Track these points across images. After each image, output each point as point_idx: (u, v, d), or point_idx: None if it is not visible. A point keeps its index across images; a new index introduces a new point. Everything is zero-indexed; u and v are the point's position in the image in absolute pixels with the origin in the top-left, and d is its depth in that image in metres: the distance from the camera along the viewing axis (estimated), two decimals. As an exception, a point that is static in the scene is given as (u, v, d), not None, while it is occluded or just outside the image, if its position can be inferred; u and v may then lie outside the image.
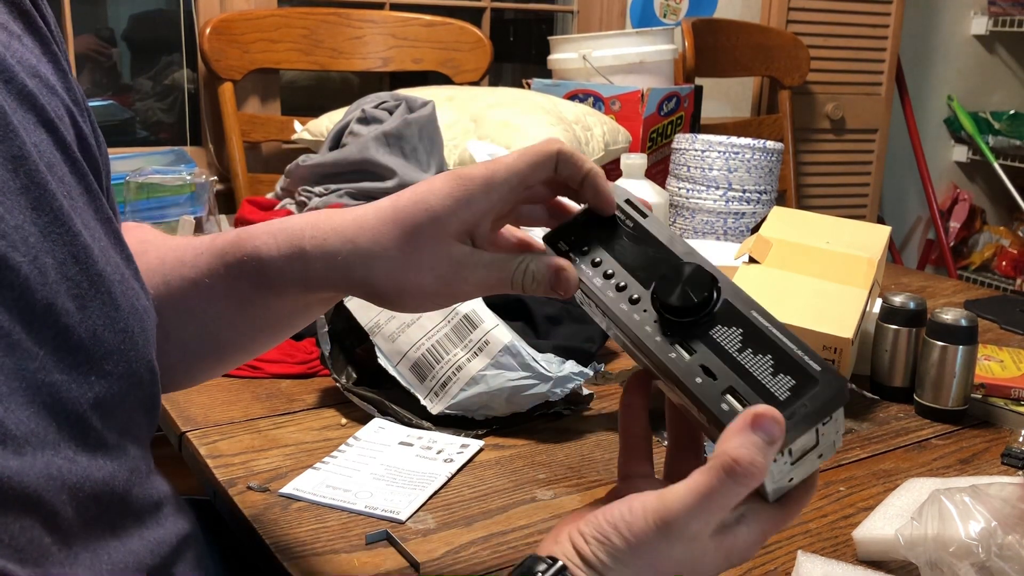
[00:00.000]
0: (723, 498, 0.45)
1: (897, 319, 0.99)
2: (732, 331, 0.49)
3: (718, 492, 0.45)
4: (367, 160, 1.25)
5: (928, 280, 1.56)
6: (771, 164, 1.55)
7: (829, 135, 2.70)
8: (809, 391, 0.46)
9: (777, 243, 1.06)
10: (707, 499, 0.45)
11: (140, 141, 2.14)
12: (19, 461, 0.40)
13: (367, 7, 2.11)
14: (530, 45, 2.62)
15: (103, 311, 0.46)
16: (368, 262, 0.54)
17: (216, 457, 0.81)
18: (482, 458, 0.83)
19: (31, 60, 0.48)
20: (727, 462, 0.44)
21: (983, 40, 3.22)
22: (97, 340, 0.45)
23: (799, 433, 0.46)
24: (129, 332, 0.48)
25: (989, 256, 3.31)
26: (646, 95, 1.76)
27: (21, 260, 0.41)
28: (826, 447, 0.49)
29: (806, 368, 0.47)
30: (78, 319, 0.44)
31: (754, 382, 0.47)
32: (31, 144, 0.44)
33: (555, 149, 0.54)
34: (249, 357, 0.68)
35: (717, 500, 0.45)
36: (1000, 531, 0.61)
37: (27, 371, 0.41)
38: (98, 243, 0.47)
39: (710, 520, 0.47)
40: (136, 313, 0.49)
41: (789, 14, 2.56)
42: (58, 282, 0.43)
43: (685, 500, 0.46)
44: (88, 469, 0.44)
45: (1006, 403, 0.96)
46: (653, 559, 0.47)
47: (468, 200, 0.53)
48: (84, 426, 0.45)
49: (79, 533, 0.44)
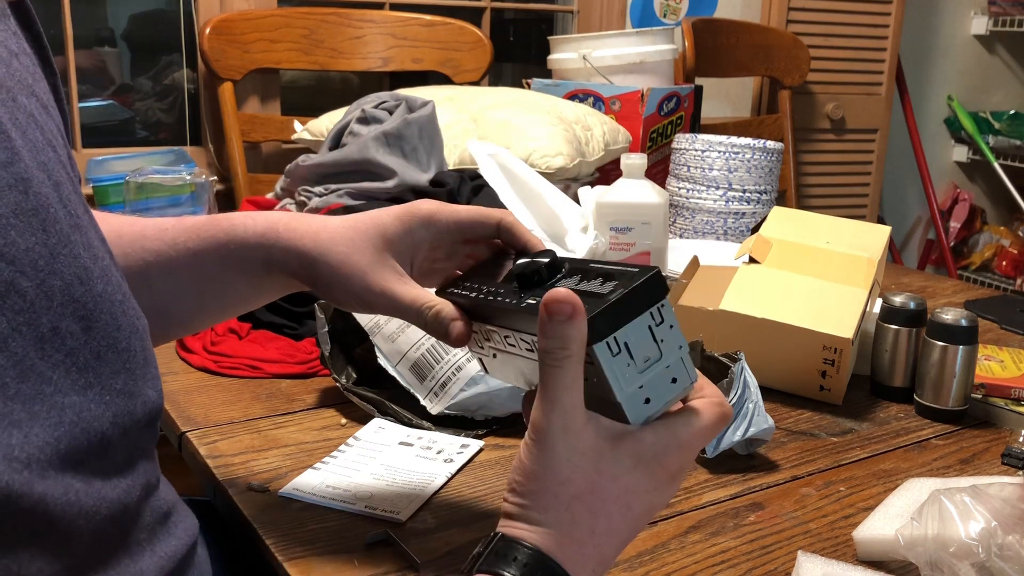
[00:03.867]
0: (556, 353, 0.48)
1: (897, 319, 0.99)
2: (573, 278, 0.54)
3: (550, 346, 0.48)
4: (367, 160, 1.25)
5: (928, 280, 1.56)
6: (771, 164, 1.55)
7: (829, 135, 2.70)
8: (625, 281, 0.50)
9: (777, 243, 1.06)
10: (546, 371, 0.48)
11: (140, 141, 2.14)
12: (43, 485, 0.40)
13: (367, 7, 2.11)
14: (530, 45, 2.62)
15: (106, 332, 0.46)
16: (322, 253, 0.63)
17: (216, 457, 0.81)
18: (482, 458, 0.83)
19: (28, 79, 0.48)
20: (541, 306, 0.48)
21: (983, 40, 3.22)
22: (103, 361, 0.46)
23: (619, 316, 0.48)
24: (132, 352, 0.48)
25: (989, 256, 3.31)
26: (646, 95, 1.76)
27: (28, 285, 0.41)
28: (674, 363, 0.51)
29: (630, 273, 0.51)
30: (83, 340, 0.44)
31: (581, 292, 0.50)
32: (38, 164, 0.44)
33: (498, 217, 0.64)
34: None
35: (554, 363, 0.48)
36: (1000, 531, 0.61)
37: (44, 395, 0.41)
38: (100, 263, 0.47)
39: (561, 399, 0.48)
40: (137, 333, 0.49)
41: (789, 14, 2.56)
42: (64, 304, 0.43)
43: (537, 396, 0.49)
44: (103, 490, 0.45)
45: (1006, 403, 0.96)
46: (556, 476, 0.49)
47: (410, 228, 0.64)
48: (104, 446, 0.45)
49: (92, 559, 0.44)
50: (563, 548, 0.49)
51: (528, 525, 0.49)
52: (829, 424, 0.94)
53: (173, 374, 0.98)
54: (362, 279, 0.62)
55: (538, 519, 0.49)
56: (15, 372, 0.39)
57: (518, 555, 0.48)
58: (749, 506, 0.76)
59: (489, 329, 0.59)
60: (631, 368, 0.49)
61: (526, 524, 0.49)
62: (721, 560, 0.68)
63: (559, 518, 0.49)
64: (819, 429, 0.92)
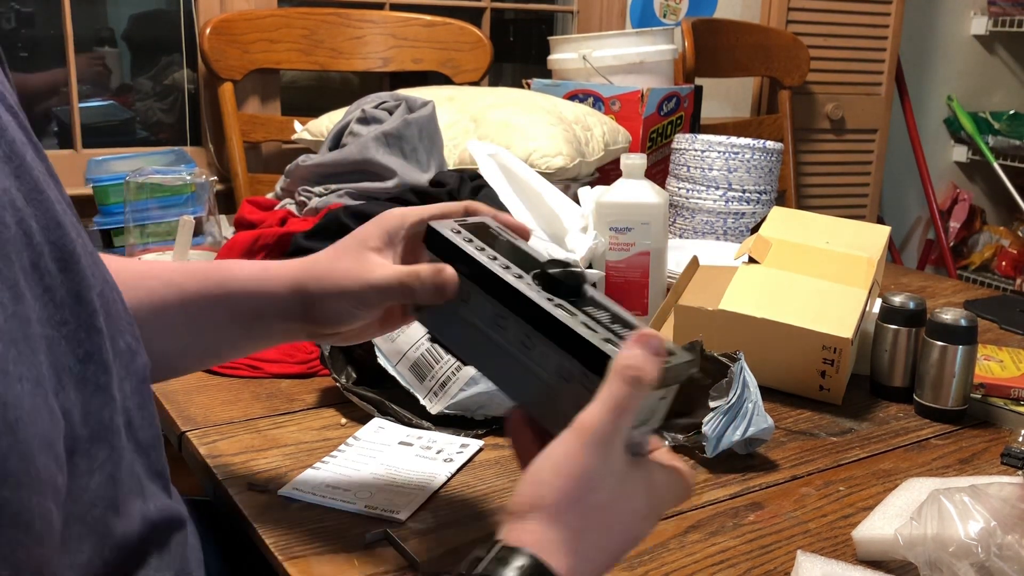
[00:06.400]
0: (626, 401, 0.51)
1: (897, 319, 0.99)
2: (600, 311, 0.58)
3: (622, 395, 0.50)
4: (367, 160, 1.25)
5: (928, 280, 1.56)
6: (771, 164, 1.55)
7: (829, 135, 2.70)
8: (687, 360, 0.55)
9: (777, 243, 1.06)
10: (615, 403, 0.50)
11: (140, 141, 2.14)
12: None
13: (367, 7, 2.11)
14: (530, 45, 2.62)
15: (78, 279, 0.47)
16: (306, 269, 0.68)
17: (216, 457, 0.81)
18: (482, 458, 0.83)
19: None
20: (623, 367, 0.51)
21: (983, 40, 3.22)
22: (80, 303, 0.47)
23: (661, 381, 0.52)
24: (105, 301, 0.50)
25: (989, 256, 3.31)
26: (646, 95, 1.76)
27: (10, 220, 0.42)
28: (652, 428, 0.56)
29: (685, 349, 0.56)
30: (60, 280, 0.46)
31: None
32: (5, 120, 0.45)
33: (464, 204, 0.67)
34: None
35: (622, 403, 0.50)
36: (999, 531, 0.61)
37: (31, 321, 0.42)
38: (69, 218, 0.49)
39: (620, 425, 0.51)
40: (109, 285, 0.51)
41: (789, 14, 2.56)
42: (42, 244, 0.45)
43: (597, 408, 0.51)
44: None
45: (1006, 403, 0.96)
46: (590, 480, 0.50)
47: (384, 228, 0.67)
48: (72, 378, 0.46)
49: None
50: (567, 555, 0.49)
51: (537, 526, 0.49)
52: (829, 424, 0.94)
53: (173, 374, 0.98)
54: (347, 275, 0.65)
55: (551, 516, 0.49)
56: (10, 295, 0.40)
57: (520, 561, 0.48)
58: (749, 506, 0.76)
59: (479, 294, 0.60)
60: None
61: (535, 525, 0.49)
62: (721, 560, 0.68)
63: (571, 523, 0.49)
64: (819, 429, 0.92)
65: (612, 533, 0.52)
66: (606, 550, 0.52)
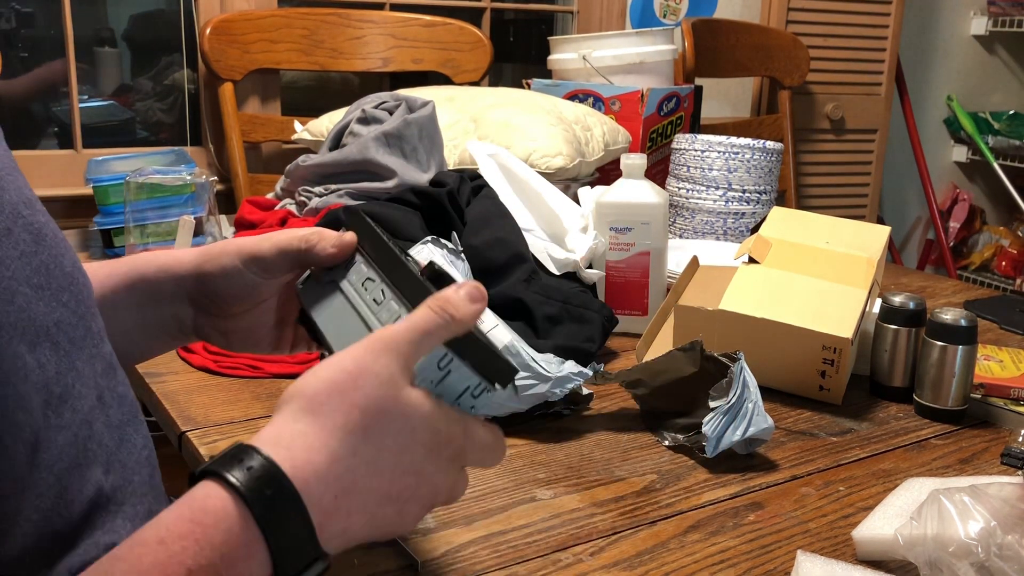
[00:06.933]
0: (425, 324, 0.50)
1: (897, 319, 0.99)
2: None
3: (424, 317, 0.50)
4: (367, 160, 1.25)
5: (928, 280, 1.56)
6: (771, 164, 1.55)
7: (829, 135, 2.70)
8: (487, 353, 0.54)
9: (777, 243, 1.06)
10: (413, 323, 0.50)
11: (140, 141, 2.14)
12: None
13: (367, 7, 2.11)
14: (530, 45, 2.62)
15: (50, 253, 0.48)
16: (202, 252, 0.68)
17: (216, 457, 0.81)
18: (482, 458, 0.83)
19: None
20: (435, 297, 0.51)
21: (983, 40, 3.22)
22: (50, 273, 0.48)
23: (476, 356, 0.52)
24: (74, 282, 0.50)
25: (989, 256, 3.31)
26: (646, 95, 1.76)
27: None
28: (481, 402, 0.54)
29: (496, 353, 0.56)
30: (34, 249, 0.47)
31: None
32: None
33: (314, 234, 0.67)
34: None
35: (420, 324, 0.50)
36: (999, 531, 0.61)
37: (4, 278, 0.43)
38: (39, 204, 0.50)
39: (412, 340, 0.49)
40: (78, 268, 0.52)
41: (789, 14, 2.56)
42: (14, 217, 0.46)
43: (396, 324, 0.50)
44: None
45: (1006, 403, 0.96)
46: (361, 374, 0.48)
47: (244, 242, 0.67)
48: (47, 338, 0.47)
49: None
50: (313, 451, 0.46)
51: (287, 416, 0.47)
52: (828, 424, 0.94)
53: (173, 374, 0.98)
54: (248, 241, 0.66)
55: (305, 406, 0.47)
56: None
57: (250, 462, 0.44)
58: (748, 506, 0.77)
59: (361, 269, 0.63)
60: (431, 384, 0.52)
61: (286, 415, 0.48)
62: (721, 560, 0.68)
63: (327, 416, 0.46)
64: (818, 429, 0.92)
65: (382, 449, 0.47)
66: (372, 464, 0.47)
